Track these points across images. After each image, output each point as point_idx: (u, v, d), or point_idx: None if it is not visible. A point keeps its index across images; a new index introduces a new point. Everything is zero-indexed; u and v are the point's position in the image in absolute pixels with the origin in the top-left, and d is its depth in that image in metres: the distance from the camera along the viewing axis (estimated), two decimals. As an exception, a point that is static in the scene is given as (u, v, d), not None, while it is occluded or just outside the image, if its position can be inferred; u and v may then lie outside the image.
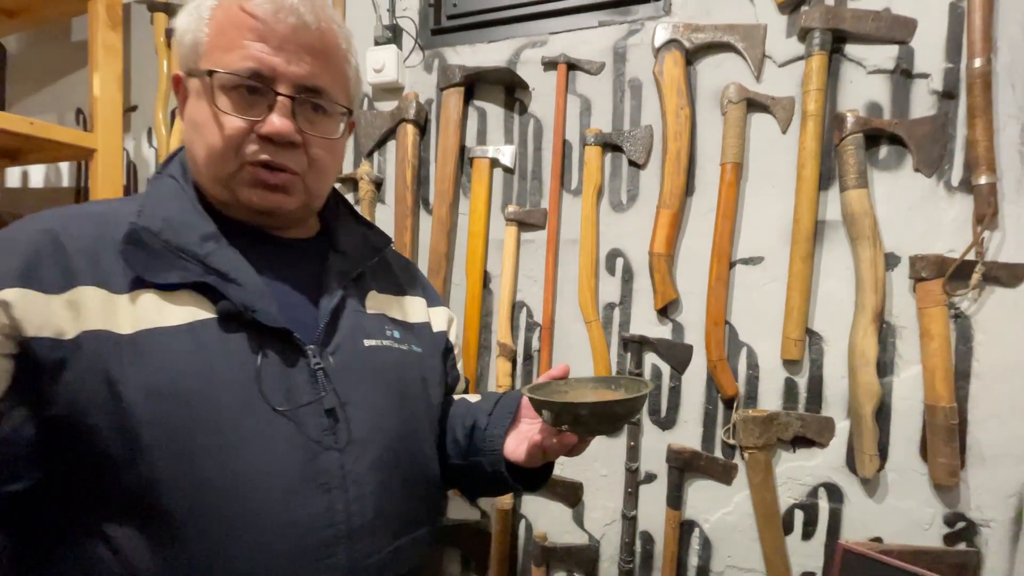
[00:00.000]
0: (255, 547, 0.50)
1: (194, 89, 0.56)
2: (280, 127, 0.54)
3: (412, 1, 1.25)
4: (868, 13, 0.92)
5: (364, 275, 0.68)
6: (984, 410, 0.88)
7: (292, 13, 0.54)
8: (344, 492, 0.54)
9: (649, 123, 1.07)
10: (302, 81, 0.56)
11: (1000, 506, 0.88)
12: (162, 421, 0.48)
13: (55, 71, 1.68)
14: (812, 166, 0.94)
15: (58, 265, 0.49)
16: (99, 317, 0.48)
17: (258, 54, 0.53)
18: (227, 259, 0.55)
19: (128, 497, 0.48)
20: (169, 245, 0.53)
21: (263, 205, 0.58)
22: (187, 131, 0.58)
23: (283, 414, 0.52)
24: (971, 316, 0.89)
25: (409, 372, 0.66)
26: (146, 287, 0.51)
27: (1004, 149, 0.87)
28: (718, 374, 1.01)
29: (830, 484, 0.97)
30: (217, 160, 0.55)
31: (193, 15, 0.56)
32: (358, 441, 0.57)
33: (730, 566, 1.03)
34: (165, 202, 0.56)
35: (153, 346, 0.49)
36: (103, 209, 0.56)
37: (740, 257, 1.02)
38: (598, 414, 0.56)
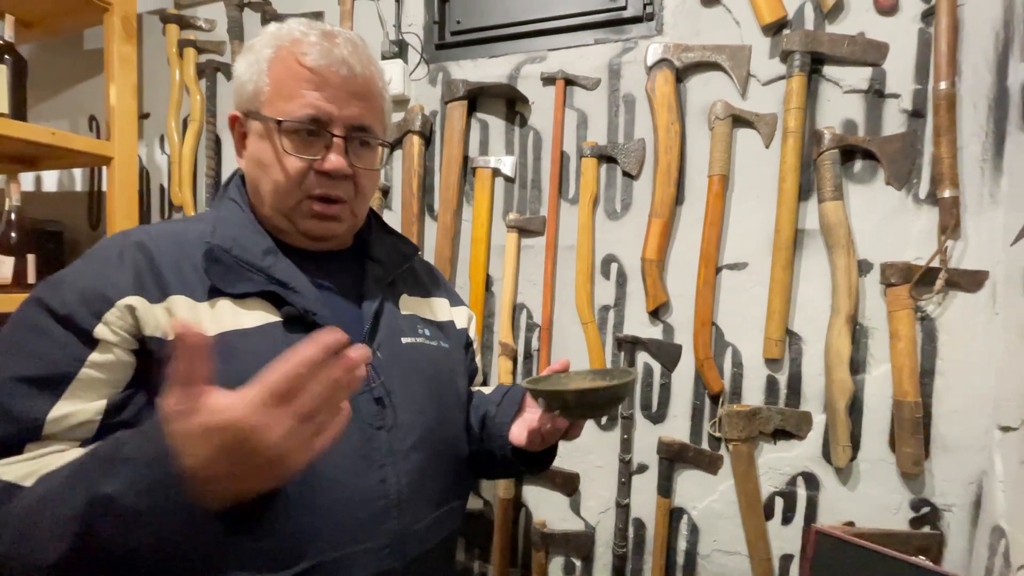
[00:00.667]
0: (326, 514, 0.58)
1: (256, 130, 0.65)
2: (338, 164, 0.63)
3: (417, 17, 1.31)
4: (844, 37, 0.99)
5: (396, 280, 0.76)
6: (947, 405, 0.96)
7: (343, 65, 0.62)
8: (394, 468, 0.63)
9: (642, 136, 1.14)
10: (352, 122, 0.64)
11: (961, 492, 0.96)
12: None
13: (68, 78, 1.73)
14: (792, 179, 1.02)
15: (155, 278, 0.58)
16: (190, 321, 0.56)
17: (316, 102, 0.62)
18: (286, 270, 0.63)
19: None
20: (239, 260, 0.61)
21: (319, 232, 0.67)
22: (251, 167, 0.66)
23: None
24: (936, 319, 0.96)
25: (440, 365, 0.75)
26: (221, 296, 0.60)
27: (967, 165, 0.94)
28: (705, 372, 1.09)
29: (807, 473, 1.05)
30: (283, 195, 0.64)
31: (252, 65, 0.64)
32: (402, 425, 0.65)
33: (716, 549, 1.11)
34: (232, 223, 0.65)
35: (234, 345, 0.57)
36: (180, 228, 0.65)
37: (726, 263, 1.09)
38: (583, 400, 0.63)
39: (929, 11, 0.95)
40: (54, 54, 1.73)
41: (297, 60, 0.62)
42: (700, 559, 1.12)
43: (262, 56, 0.63)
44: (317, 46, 0.62)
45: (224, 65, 1.51)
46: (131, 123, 1.46)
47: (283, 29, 0.65)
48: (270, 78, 0.63)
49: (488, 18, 1.25)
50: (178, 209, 1.57)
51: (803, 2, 1.03)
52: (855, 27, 1.00)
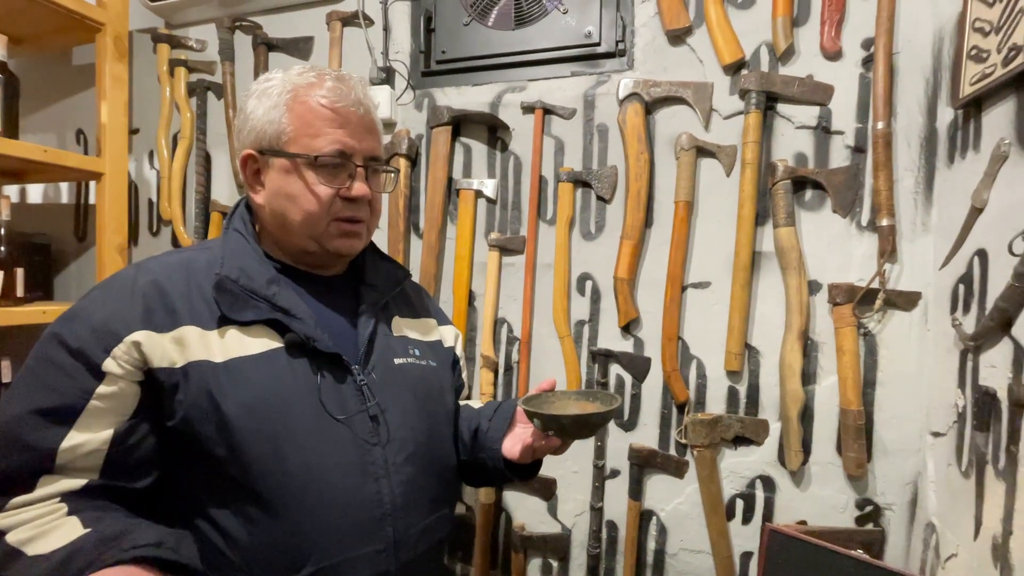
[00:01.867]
0: (326, 523, 0.64)
1: (279, 166, 0.70)
2: (363, 191, 0.71)
3: (404, 46, 1.38)
4: (794, 79, 1.09)
5: (389, 303, 0.82)
6: (887, 412, 1.06)
7: (359, 104, 0.71)
8: (388, 480, 0.69)
9: (614, 164, 1.22)
10: (369, 153, 0.72)
11: (900, 492, 1.06)
12: (254, 427, 0.62)
13: (56, 93, 1.75)
14: (750, 206, 1.11)
15: (165, 309, 0.63)
16: (199, 350, 0.62)
17: (342, 138, 0.69)
18: (288, 299, 0.69)
19: (229, 486, 0.62)
20: (245, 289, 0.66)
21: (346, 250, 0.74)
22: (276, 200, 0.71)
23: (341, 421, 0.67)
24: (876, 334, 1.06)
25: (430, 383, 0.81)
26: (229, 324, 0.65)
27: (902, 196, 1.05)
28: (672, 383, 1.17)
29: (765, 476, 1.14)
30: (314, 220, 0.70)
31: (271, 109, 0.69)
32: (396, 440, 0.71)
33: (682, 548, 1.19)
34: (238, 254, 0.70)
35: (240, 371, 0.63)
36: (188, 258, 0.70)
37: (691, 282, 1.18)
38: (578, 423, 0.70)
39: (869, 58, 1.06)
40: (42, 69, 1.75)
41: (319, 102, 0.68)
42: (668, 558, 1.20)
43: (281, 100, 0.69)
44: (336, 89, 0.69)
45: (215, 85, 1.56)
46: (122, 140, 1.50)
47: (294, 74, 0.71)
48: (292, 119, 0.68)
49: (471, 49, 1.33)
50: (167, 223, 1.61)
51: (759, 45, 1.13)
52: (805, 70, 1.10)
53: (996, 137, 0.83)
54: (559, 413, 0.73)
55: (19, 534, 0.55)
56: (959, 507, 0.89)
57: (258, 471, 0.62)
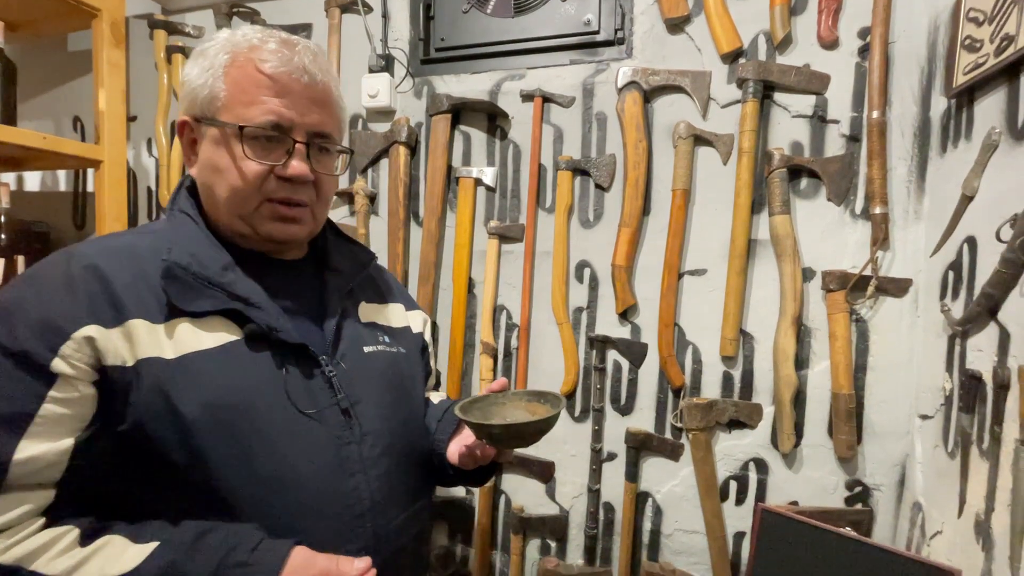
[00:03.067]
0: (301, 526, 0.60)
1: (211, 136, 0.62)
2: (300, 170, 0.63)
3: (403, 33, 1.38)
4: (791, 68, 1.10)
5: (355, 288, 0.76)
6: (876, 396, 1.09)
7: (304, 72, 0.62)
8: (365, 475, 0.65)
9: (613, 152, 1.23)
10: (313, 129, 0.64)
11: (888, 473, 1.09)
12: (216, 429, 0.56)
13: (52, 80, 1.74)
14: (746, 194, 1.13)
15: (109, 301, 0.55)
16: (149, 346, 0.56)
17: (278, 108, 0.61)
18: (247, 286, 0.62)
19: (193, 495, 0.57)
20: (198, 277, 0.59)
21: (281, 236, 0.66)
22: (206, 174, 0.63)
23: (310, 416, 0.62)
24: (867, 320, 1.09)
25: (401, 371, 0.77)
26: (180, 315, 0.58)
27: (895, 185, 1.06)
28: (668, 368, 1.19)
29: (758, 459, 1.16)
30: (241, 199, 0.63)
31: (206, 69, 0.62)
32: (370, 433, 0.67)
33: (677, 529, 1.22)
34: (188, 238, 0.62)
35: (197, 367, 0.57)
36: (129, 243, 0.62)
37: (687, 269, 1.19)
38: (510, 433, 0.65)
39: (865, 47, 1.07)
40: (38, 55, 1.74)
41: (256, 67, 0.60)
42: (663, 538, 1.23)
43: (218, 62, 0.61)
44: (277, 53, 0.61)
45: (213, 72, 1.55)
46: (120, 127, 1.50)
47: (238, 35, 0.63)
48: (227, 84, 0.61)
49: (471, 37, 1.33)
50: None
51: (757, 34, 1.13)
52: (802, 59, 1.11)
53: (988, 126, 0.85)
54: (492, 422, 0.68)
55: (53, 563, 0.51)
56: (945, 486, 0.92)
57: (224, 476, 0.56)
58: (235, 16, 1.52)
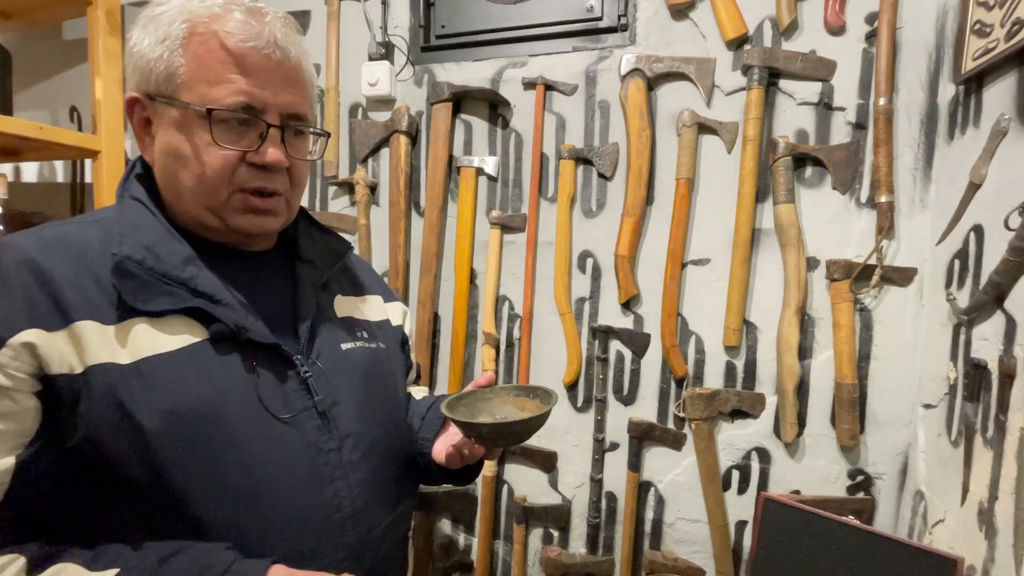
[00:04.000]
0: (280, 539, 0.56)
1: (169, 117, 0.55)
2: (276, 157, 0.57)
3: (403, 20, 1.36)
4: (797, 54, 1.08)
5: (329, 281, 0.71)
6: (880, 385, 1.08)
7: (275, 47, 0.56)
8: (345, 481, 0.61)
9: (616, 141, 1.22)
10: (287, 110, 0.58)
11: (890, 462, 1.09)
12: (181, 439, 0.51)
13: (47, 69, 1.72)
14: (750, 183, 1.12)
15: (51, 301, 0.49)
16: (100, 350, 0.50)
17: (247, 88, 0.55)
18: (210, 282, 0.56)
19: (156, 515, 0.51)
20: (154, 273, 0.53)
21: (254, 229, 0.60)
22: (166, 160, 0.56)
23: (285, 421, 0.57)
24: (872, 310, 1.08)
25: (381, 368, 0.72)
26: (134, 315, 0.52)
27: (901, 173, 1.05)
28: (671, 358, 1.19)
29: (760, 448, 1.17)
30: (210, 190, 0.56)
31: (160, 40, 0.54)
32: (350, 436, 0.63)
33: (679, 518, 1.23)
34: (140, 228, 0.55)
35: (156, 372, 0.51)
36: (71, 233, 0.55)
37: (690, 259, 1.19)
38: (498, 432, 0.62)
39: (872, 32, 1.05)
40: (33, 44, 1.72)
41: (221, 40, 0.54)
42: (665, 527, 1.23)
43: (174, 32, 0.54)
44: (245, 24, 0.54)
45: (210, 60, 1.53)
46: (117, 117, 1.48)
47: (194, 1, 0.55)
48: (187, 59, 0.54)
49: (472, 23, 1.31)
50: (165, 202, 1.60)
51: (762, 20, 1.12)
52: (808, 45, 1.09)
53: (996, 113, 0.84)
54: (479, 420, 0.66)
55: None
56: (947, 475, 0.92)
57: (192, 491, 0.51)
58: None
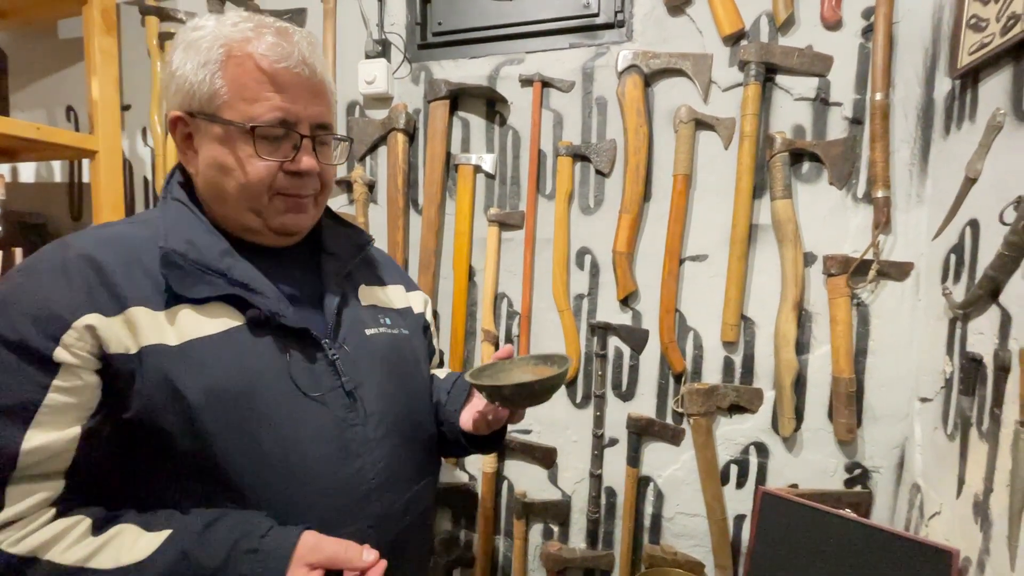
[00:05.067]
0: (308, 507, 0.61)
1: (212, 133, 0.62)
2: (310, 165, 0.65)
3: (400, 17, 1.36)
4: (794, 50, 1.08)
5: (353, 272, 0.77)
6: (876, 380, 1.09)
7: (304, 65, 0.62)
8: (370, 455, 0.67)
9: (613, 137, 1.22)
10: (316, 121, 0.65)
11: (887, 456, 1.10)
12: (223, 414, 0.57)
13: (42, 68, 1.71)
14: (747, 179, 1.12)
15: (108, 290, 0.56)
16: (151, 333, 0.56)
17: (282, 104, 0.62)
18: (246, 271, 0.62)
19: (200, 481, 0.58)
20: (195, 263, 0.59)
21: (293, 226, 0.68)
22: (210, 171, 0.63)
23: (315, 399, 0.63)
24: (869, 305, 1.09)
25: (403, 352, 0.78)
26: (180, 302, 0.58)
27: (897, 168, 1.06)
28: (669, 354, 1.20)
29: (759, 443, 1.17)
30: (253, 195, 0.63)
31: (201, 64, 0.60)
32: (374, 414, 0.68)
33: (678, 512, 1.23)
34: (183, 226, 0.62)
35: (200, 353, 0.57)
36: (122, 233, 0.62)
37: (688, 255, 1.19)
38: (520, 392, 0.66)
39: (869, 27, 1.05)
40: (28, 43, 1.71)
41: (256, 62, 0.60)
42: (665, 521, 1.24)
43: (213, 56, 0.60)
44: (276, 47, 0.60)
45: (207, 59, 1.53)
46: (114, 116, 1.48)
47: (228, 25, 0.61)
48: (226, 80, 0.60)
49: (468, 20, 1.31)
50: (163, 201, 1.60)
51: (759, 15, 1.12)
52: (804, 40, 1.09)
53: (992, 107, 0.84)
54: (502, 383, 0.69)
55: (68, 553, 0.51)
56: (943, 468, 0.93)
57: (230, 460, 0.58)
58: (228, 1, 1.49)
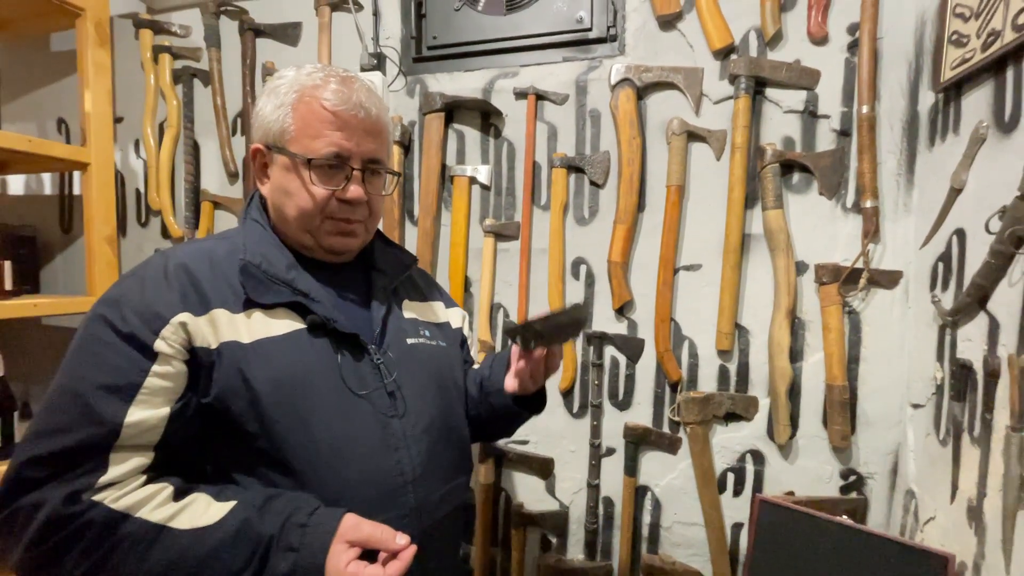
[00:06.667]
0: (352, 491, 0.68)
1: (281, 163, 0.73)
2: (357, 194, 0.73)
3: (395, 31, 1.37)
4: (782, 64, 1.11)
5: (398, 288, 0.86)
6: (869, 386, 1.10)
7: (360, 108, 0.72)
8: (408, 450, 0.73)
9: (607, 149, 1.24)
10: (367, 156, 0.74)
11: (881, 462, 1.11)
12: (283, 403, 0.66)
13: (34, 81, 1.71)
14: (739, 189, 1.14)
15: (197, 293, 0.66)
16: (229, 331, 0.66)
17: (339, 141, 0.71)
18: (307, 283, 0.72)
19: (260, 459, 0.66)
20: (267, 274, 0.70)
21: (340, 247, 0.77)
22: (277, 195, 0.74)
23: (361, 396, 0.72)
24: (860, 312, 1.10)
25: (440, 361, 0.85)
26: (253, 307, 0.69)
27: (885, 178, 1.08)
28: (665, 363, 1.21)
29: (755, 450, 1.18)
30: (308, 218, 0.73)
31: (277, 106, 0.72)
32: (412, 412, 0.76)
33: (676, 521, 1.24)
34: (259, 242, 0.74)
35: (266, 350, 0.67)
36: (210, 247, 0.73)
37: (682, 265, 1.20)
38: (549, 324, 0.75)
39: (854, 42, 1.08)
40: (20, 55, 1.70)
41: (320, 104, 0.71)
42: (663, 531, 1.24)
43: (287, 99, 0.72)
44: (339, 92, 0.71)
45: (201, 71, 1.53)
46: (107, 129, 1.48)
47: (303, 74, 0.73)
48: (295, 119, 0.71)
49: (463, 34, 1.33)
50: (156, 213, 1.59)
51: (748, 30, 1.14)
52: (792, 55, 1.12)
53: (975, 120, 0.87)
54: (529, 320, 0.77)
55: (154, 513, 0.60)
56: (937, 473, 0.94)
57: (288, 444, 0.66)
58: (223, 15, 1.50)
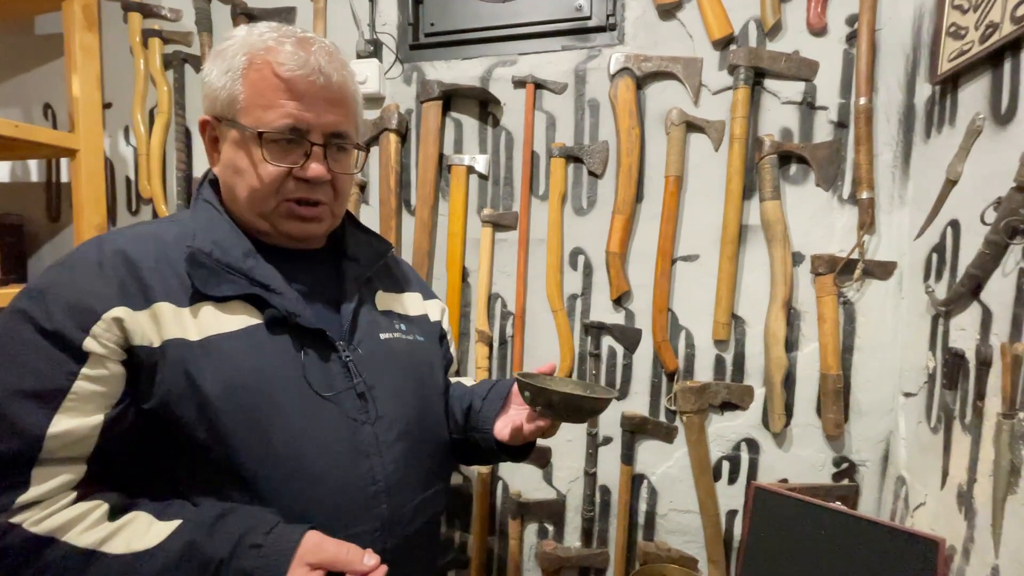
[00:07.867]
0: (317, 505, 0.61)
1: (231, 137, 0.64)
2: (318, 172, 0.65)
3: (391, 17, 1.35)
4: (781, 55, 1.11)
5: (372, 277, 0.78)
6: (863, 376, 1.12)
7: (320, 74, 0.63)
8: (380, 457, 0.67)
9: (605, 139, 1.24)
10: (329, 129, 0.66)
11: (873, 450, 1.13)
12: (236, 408, 0.59)
13: (18, 65, 1.66)
14: (737, 180, 1.14)
15: (137, 284, 0.58)
16: (174, 327, 0.58)
17: (294, 112, 0.62)
18: (266, 272, 0.64)
19: (212, 472, 0.59)
20: (220, 263, 0.62)
21: (299, 234, 0.69)
22: (227, 173, 0.66)
23: (328, 398, 0.64)
24: (855, 303, 1.12)
25: (417, 358, 0.78)
26: (203, 300, 0.61)
27: (881, 170, 1.09)
28: (662, 352, 1.21)
29: (750, 439, 1.20)
30: (260, 199, 0.65)
31: (224, 71, 0.63)
32: (386, 416, 0.69)
33: (672, 509, 1.25)
34: (210, 226, 0.65)
35: (218, 349, 0.59)
36: (154, 231, 0.64)
37: (680, 255, 1.21)
38: (567, 403, 0.69)
39: (853, 34, 1.09)
40: (3, 38, 1.65)
41: (273, 70, 0.61)
42: (659, 518, 1.26)
43: (235, 64, 0.62)
44: (294, 55, 0.62)
45: (192, 56, 1.50)
46: (96, 115, 1.45)
47: (254, 35, 0.63)
48: (245, 87, 0.62)
49: (461, 21, 1.31)
50: (147, 202, 1.56)
51: (747, 21, 1.14)
52: (791, 46, 1.12)
53: (971, 112, 0.87)
54: (551, 388, 0.71)
55: (83, 536, 0.53)
56: (927, 460, 0.96)
57: (243, 454, 0.59)
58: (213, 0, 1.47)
